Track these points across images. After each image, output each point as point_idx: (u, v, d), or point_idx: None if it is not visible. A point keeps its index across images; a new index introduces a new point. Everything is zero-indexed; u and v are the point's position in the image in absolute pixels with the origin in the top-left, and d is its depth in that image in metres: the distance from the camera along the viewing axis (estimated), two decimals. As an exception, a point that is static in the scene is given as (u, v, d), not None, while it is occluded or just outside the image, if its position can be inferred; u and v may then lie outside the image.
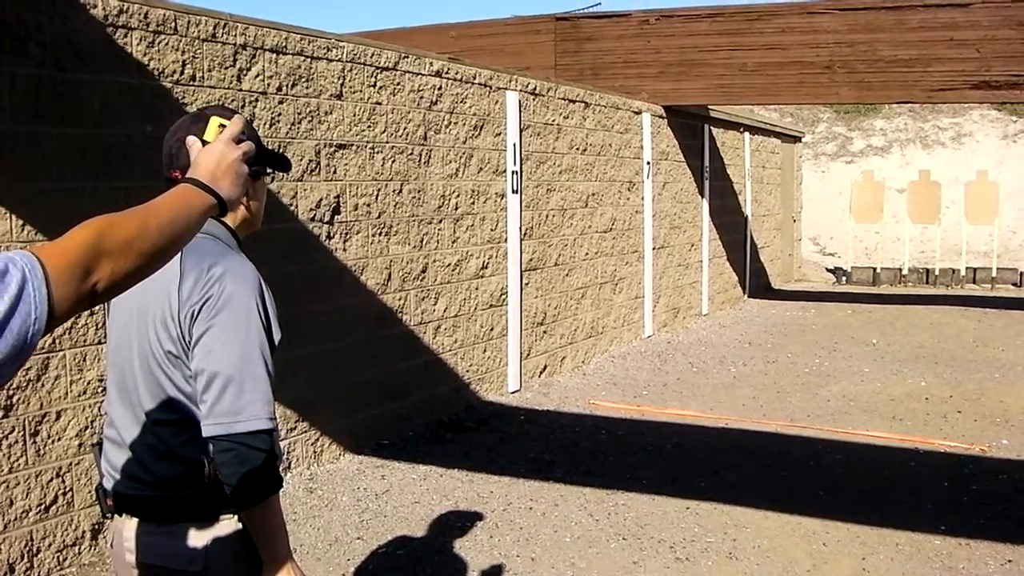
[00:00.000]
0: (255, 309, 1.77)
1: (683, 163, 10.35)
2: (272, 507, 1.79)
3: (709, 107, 10.68)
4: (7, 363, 1.09)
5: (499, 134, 6.87)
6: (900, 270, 15.57)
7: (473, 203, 6.58)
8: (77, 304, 1.21)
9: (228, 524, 1.83)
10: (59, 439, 3.82)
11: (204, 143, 1.64)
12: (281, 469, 1.89)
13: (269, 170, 1.97)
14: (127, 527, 1.88)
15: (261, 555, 1.80)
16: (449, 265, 6.34)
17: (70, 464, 3.86)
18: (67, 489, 3.85)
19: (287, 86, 4.98)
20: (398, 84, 5.82)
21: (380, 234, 5.68)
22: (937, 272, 15.37)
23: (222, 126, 1.63)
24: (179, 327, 1.77)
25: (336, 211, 5.32)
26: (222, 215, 1.55)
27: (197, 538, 1.82)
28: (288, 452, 5.02)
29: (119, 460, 1.89)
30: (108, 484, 1.91)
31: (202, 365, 1.73)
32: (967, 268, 15.42)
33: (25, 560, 3.69)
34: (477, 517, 4.56)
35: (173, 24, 4.30)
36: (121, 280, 1.26)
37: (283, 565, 1.79)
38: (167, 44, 4.28)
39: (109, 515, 1.93)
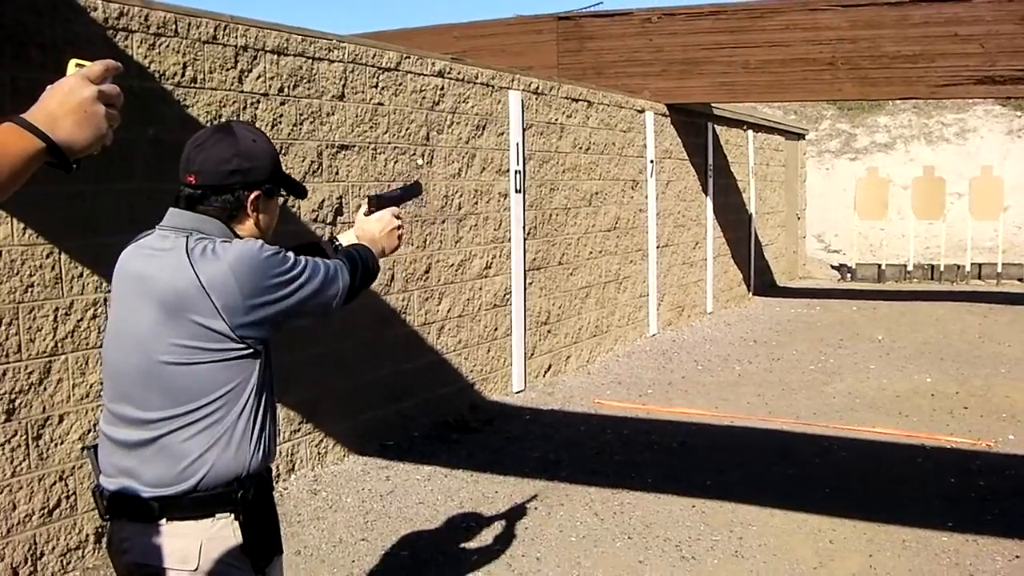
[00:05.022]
0: (274, 263, 1.96)
1: (686, 161, 10.33)
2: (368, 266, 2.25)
3: (712, 105, 10.65)
4: None
5: (502, 134, 6.86)
6: (905, 266, 15.53)
7: (476, 203, 6.57)
8: None
9: (224, 522, 1.81)
10: (62, 443, 3.82)
11: None
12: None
13: (283, 192, 2.02)
14: (124, 528, 1.86)
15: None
16: (452, 265, 6.33)
17: (73, 468, 3.86)
18: (70, 493, 3.84)
19: (289, 87, 4.97)
20: (400, 84, 5.81)
21: (383, 235, 5.66)
22: (942, 268, 15.33)
23: (80, 66, 1.29)
24: (223, 319, 1.80)
25: (339, 212, 5.32)
26: (63, 166, 1.25)
27: (192, 537, 1.79)
28: (292, 454, 5.01)
29: (114, 459, 1.86)
30: (104, 484, 1.89)
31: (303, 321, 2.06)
32: (972, 264, 15.38)
33: (29, 564, 3.69)
34: (482, 517, 4.55)
35: (174, 26, 4.30)
36: None
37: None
38: (168, 46, 4.27)
39: (106, 516, 1.90)
